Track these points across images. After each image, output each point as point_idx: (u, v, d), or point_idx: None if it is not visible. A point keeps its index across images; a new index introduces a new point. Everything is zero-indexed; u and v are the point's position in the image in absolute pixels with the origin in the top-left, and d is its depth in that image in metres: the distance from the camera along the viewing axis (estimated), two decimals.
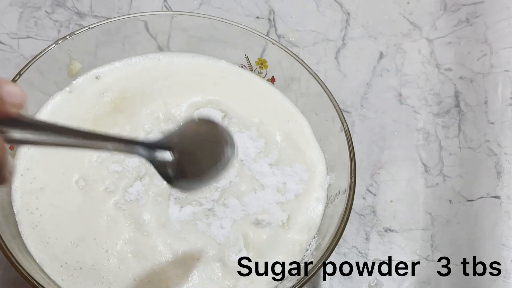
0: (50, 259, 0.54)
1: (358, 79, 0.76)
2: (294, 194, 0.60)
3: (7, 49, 0.73)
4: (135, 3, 0.78)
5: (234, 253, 0.56)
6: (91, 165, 0.59)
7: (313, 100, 0.63)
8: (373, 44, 0.79)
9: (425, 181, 0.70)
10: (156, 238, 0.56)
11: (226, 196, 0.59)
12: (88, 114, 0.62)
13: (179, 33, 0.66)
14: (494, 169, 0.69)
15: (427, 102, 0.75)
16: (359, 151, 0.70)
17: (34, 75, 0.59)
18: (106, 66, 0.65)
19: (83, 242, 0.55)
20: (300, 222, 0.59)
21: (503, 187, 0.68)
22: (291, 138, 0.63)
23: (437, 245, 0.66)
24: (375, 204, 0.68)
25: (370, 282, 0.64)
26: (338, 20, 0.80)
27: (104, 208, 0.57)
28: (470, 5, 0.81)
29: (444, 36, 0.80)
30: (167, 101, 0.63)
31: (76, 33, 0.62)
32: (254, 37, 0.65)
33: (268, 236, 0.58)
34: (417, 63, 0.78)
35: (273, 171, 0.61)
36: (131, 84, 0.64)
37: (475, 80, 0.75)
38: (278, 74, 0.66)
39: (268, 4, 0.80)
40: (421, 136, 0.73)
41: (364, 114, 0.74)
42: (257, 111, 0.64)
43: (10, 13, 0.75)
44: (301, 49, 0.77)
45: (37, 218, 0.56)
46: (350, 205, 0.55)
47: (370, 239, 0.66)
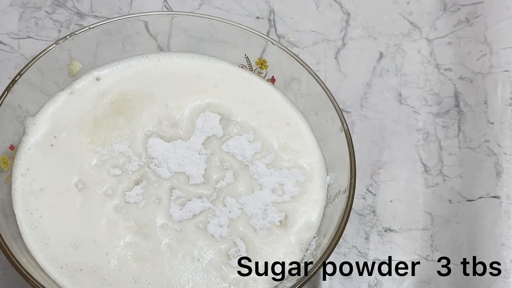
0: (51, 260, 0.55)
1: (358, 79, 0.76)
2: (294, 194, 0.60)
3: (8, 49, 0.73)
4: (135, 3, 0.78)
5: (234, 253, 0.56)
6: (91, 168, 0.59)
7: (313, 100, 0.63)
8: (373, 44, 0.79)
9: (425, 181, 0.70)
10: (156, 240, 0.56)
11: (225, 196, 0.59)
12: (88, 116, 0.62)
13: (179, 33, 0.66)
14: (493, 169, 0.70)
15: (427, 102, 0.75)
16: (359, 151, 0.70)
17: (34, 75, 0.59)
18: (106, 67, 0.65)
19: (83, 244, 0.55)
20: (300, 222, 0.59)
21: (503, 187, 0.68)
22: (290, 139, 0.63)
23: (437, 245, 0.66)
24: (375, 204, 0.68)
25: (370, 282, 0.64)
26: (338, 20, 0.80)
27: (103, 211, 0.57)
28: (470, 5, 0.81)
29: (444, 36, 0.80)
30: (167, 103, 0.63)
31: (77, 33, 0.62)
32: (254, 37, 0.65)
33: (268, 236, 0.58)
34: (417, 63, 0.78)
35: (271, 171, 0.61)
36: (131, 86, 0.64)
37: (475, 80, 0.76)
38: (278, 74, 0.66)
39: (268, 4, 0.80)
40: (421, 136, 0.73)
41: (364, 114, 0.74)
42: (256, 113, 0.64)
43: (11, 13, 0.75)
44: (301, 49, 0.77)
45: (37, 219, 0.56)
46: (350, 205, 0.55)
47: (370, 239, 0.66)
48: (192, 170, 0.60)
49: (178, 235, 0.57)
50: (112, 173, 0.59)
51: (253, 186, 0.60)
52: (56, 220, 0.56)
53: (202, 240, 0.57)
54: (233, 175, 0.60)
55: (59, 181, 0.58)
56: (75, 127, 0.61)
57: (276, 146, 0.63)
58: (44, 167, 0.58)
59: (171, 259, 0.56)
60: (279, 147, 0.63)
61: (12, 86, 0.57)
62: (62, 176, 0.58)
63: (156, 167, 0.60)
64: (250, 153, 0.62)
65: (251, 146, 0.62)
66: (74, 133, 0.61)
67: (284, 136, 0.63)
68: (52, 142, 0.60)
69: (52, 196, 0.57)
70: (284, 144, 0.63)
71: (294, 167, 0.62)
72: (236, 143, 0.62)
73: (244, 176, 0.60)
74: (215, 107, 0.64)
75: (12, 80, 0.58)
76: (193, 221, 0.58)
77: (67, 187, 0.58)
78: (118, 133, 0.61)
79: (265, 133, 0.63)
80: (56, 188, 0.58)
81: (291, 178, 0.61)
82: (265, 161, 0.62)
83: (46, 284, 0.51)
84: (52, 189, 0.58)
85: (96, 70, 0.64)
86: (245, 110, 0.64)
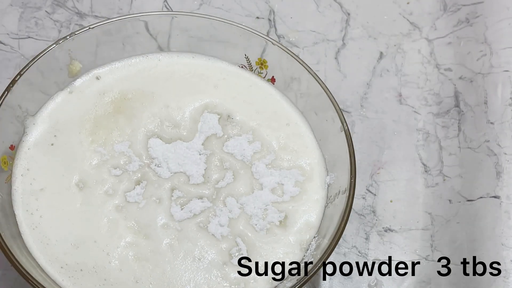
0: (51, 260, 0.55)
1: (358, 79, 0.76)
2: (294, 194, 0.60)
3: (8, 49, 0.73)
4: (135, 3, 0.78)
5: (234, 253, 0.56)
6: (91, 168, 0.59)
7: (313, 100, 0.63)
8: (373, 44, 0.79)
9: (425, 181, 0.70)
10: (157, 239, 0.56)
11: (225, 196, 0.59)
12: (89, 115, 0.62)
13: (179, 33, 0.66)
14: (493, 169, 0.70)
15: (427, 102, 0.75)
16: (359, 151, 0.70)
17: (34, 75, 0.59)
18: (107, 66, 0.65)
19: (84, 244, 0.55)
20: (299, 222, 0.59)
21: (503, 187, 0.68)
22: (290, 139, 0.63)
23: (437, 245, 0.66)
24: (375, 204, 0.69)
25: (370, 282, 0.64)
26: (338, 20, 0.80)
27: (104, 211, 0.57)
28: (470, 5, 0.81)
29: (444, 36, 0.80)
30: (168, 103, 0.63)
31: (77, 33, 0.62)
32: (254, 37, 0.65)
33: (268, 236, 0.58)
34: (417, 63, 0.78)
35: (271, 171, 0.61)
36: (131, 85, 0.64)
37: (475, 80, 0.76)
38: (278, 74, 0.66)
39: (268, 4, 0.80)
40: (421, 136, 0.73)
41: (364, 114, 0.74)
42: (256, 113, 0.64)
43: (11, 13, 0.75)
44: (301, 49, 0.77)
45: (37, 219, 0.56)
46: (350, 205, 0.55)
47: (370, 239, 0.66)
48: (192, 170, 0.60)
49: (179, 234, 0.57)
50: (113, 173, 0.59)
51: (253, 186, 0.60)
52: (56, 220, 0.56)
53: (203, 239, 0.57)
54: (233, 175, 0.60)
55: (60, 181, 0.58)
56: (76, 127, 0.61)
57: (276, 146, 0.63)
58: (44, 167, 0.58)
59: (172, 259, 0.56)
60: (279, 147, 0.63)
61: (12, 86, 0.57)
62: (62, 176, 0.58)
63: (157, 167, 0.60)
64: (250, 153, 0.62)
65: (250, 146, 0.62)
66: (74, 132, 0.61)
67: (284, 136, 0.63)
68: (53, 141, 0.60)
69: (53, 196, 0.57)
70: (284, 144, 0.63)
71: (294, 167, 0.62)
72: (236, 143, 0.62)
73: (244, 176, 0.60)
74: (215, 107, 0.64)
75: (12, 80, 0.58)
76: (194, 220, 0.58)
77: (68, 187, 0.58)
78: (119, 132, 0.61)
79: (265, 133, 0.63)
80: (57, 188, 0.58)
81: (291, 178, 0.61)
82: (265, 161, 0.62)
83: (46, 284, 0.51)
84: (53, 189, 0.57)
85: (96, 69, 0.65)
86: (245, 110, 0.64)
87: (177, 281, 0.55)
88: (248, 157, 0.62)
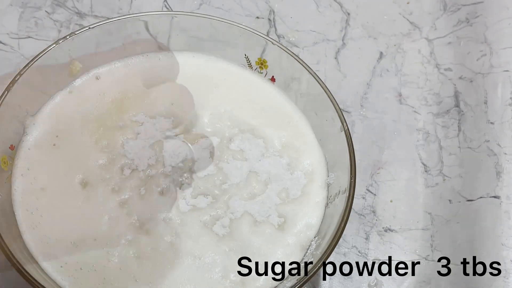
0: (51, 259, 0.54)
1: (358, 79, 0.76)
2: (295, 195, 0.60)
3: (8, 49, 0.73)
4: (135, 3, 0.78)
5: (235, 252, 0.57)
6: (95, 167, 0.59)
7: (313, 100, 0.64)
8: (373, 44, 0.79)
9: (425, 181, 0.70)
10: (158, 236, 0.56)
11: (228, 196, 0.59)
12: (90, 115, 0.62)
13: (179, 33, 0.66)
14: (493, 169, 0.70)
15: (427, 102, 0.75)
16: (359, 151, 0.70)
17: (34, 75, 0.59)
18: (106, 66, 0.65)
19: (83, 243, 0.55)
20: (300, 222, 0.59)
21: (503, 187, 0.68)
22: (291, 139, 0.63)
23: (437, 245, 0.66)
24: (375, 204, 0.69)
25: (370, 282, 0.64)
26: (338, 20, 0.80)
27: (105, 210, 0.57)
28: (470, 5, 0.81)
29: (444, 36, 0.80)
30: (168, 104, 0.63)
31: (76, 33, 0.62)
32: (254, 37, 0.65)
33: (269, 236, 0.58)
34: (417, 63, 0.78)
35: (271, 172, 0.61)
36: (131, 85, 0.64)
37: (475, 80, 0.76)
38: (278, 74, 0.66)
39: (268, 4, 0.80)
40: (421, 136, 0.73)
41: (364, 114, 0.74)
42: (256, 113, 0.64)
43: (11, 13, 0.75)
44: (301, 49, 0.77)
45: (37, 218, 0.56)
46: (350, 205, 0.55)
47: (370, 239, 0.66)
48: (198, 167, 0.60)
49: (180, 232, 0.57)
50: (116, 172, 0.59)
51: (255, 187, 0.60)
52: (57, 219, 0.56)
53: (204, 238, 0.57)
54: (237, 175, 0.60)
55: (61, 180, 0.58)
56: (78, 127, 0.61)
57: (277, 146, 0.63)
58: (46, 167, 0.58)
59: (173, 258, 0.56)
60: (279, 147, 0.63)
61: (12, 86, 0.57)
62: (64, 175, 0.58)
63: (162, 164, 0.60)
64: (251, 153, 0.62)
65: (251, 146, 0.62)
66: (77, 133, 0.60)
67: (284, 136, 0.63)
68: (55, 141, 0.60)
69: (54, 195, 0.57)
70: (285, 144, 0.63)
71: (294, 168, 0.62)
72: (236, 143, 0.62)
73: (245, 176, 0.60)
74: (215, 107, 0.64)
75: (12, 80, 0.58)
76: (196, 219, 0.58)
77: (69, 186, 0.58)
78: (121, 132, 0.61)
79: (265, 133, 0.63)
80: (58, 187, 0.58)
81: (292, 179, 0.61)
82: (265, 161, 0.62)
83: (46, 284, 0.51)
84: (54, 188, 0.57)
85: (96, 69, 0.65)
86: (245, 110, 0.64)
87: (177, 280, 0.55)
88: (249, 157, 0.62)
